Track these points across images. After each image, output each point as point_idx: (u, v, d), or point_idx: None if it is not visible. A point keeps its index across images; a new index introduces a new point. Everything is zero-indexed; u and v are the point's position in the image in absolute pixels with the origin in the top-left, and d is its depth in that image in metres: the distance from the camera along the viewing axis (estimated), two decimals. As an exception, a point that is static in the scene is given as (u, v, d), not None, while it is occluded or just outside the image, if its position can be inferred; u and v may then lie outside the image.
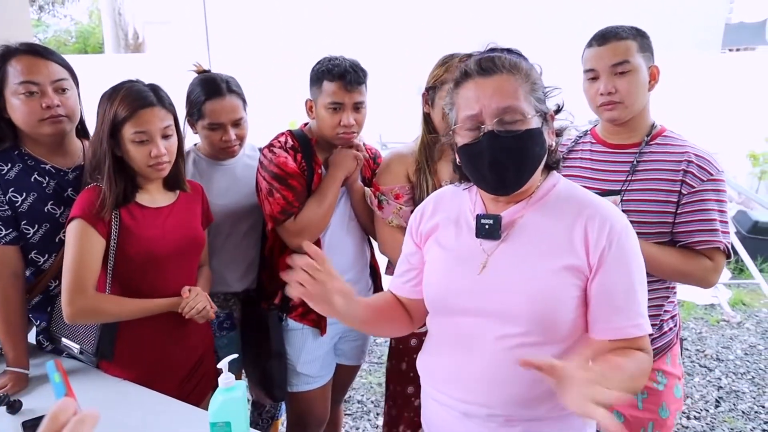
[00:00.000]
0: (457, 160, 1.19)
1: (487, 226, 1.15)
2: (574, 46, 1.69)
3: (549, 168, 1.20)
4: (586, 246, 1.09)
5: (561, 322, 1.10)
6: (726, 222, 1.54)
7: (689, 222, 1.52)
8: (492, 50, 1.16)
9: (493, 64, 1.10)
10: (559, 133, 1.20)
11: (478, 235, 1.17)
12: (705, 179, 1.51)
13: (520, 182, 1.13)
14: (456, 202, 1.27)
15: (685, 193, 1.52)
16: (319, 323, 1.89)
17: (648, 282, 1.53)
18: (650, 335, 1.55)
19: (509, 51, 1.16)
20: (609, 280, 1.09)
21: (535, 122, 1.10)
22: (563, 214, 1.14)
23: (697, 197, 1.51)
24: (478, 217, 1.17)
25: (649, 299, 1.54)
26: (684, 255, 1.54)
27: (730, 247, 1.54)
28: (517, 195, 1.16)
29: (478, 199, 1.22)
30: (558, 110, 1.19)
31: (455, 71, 1.18)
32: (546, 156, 1.16)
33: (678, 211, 1.53)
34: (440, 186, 1.80)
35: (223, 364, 1.23)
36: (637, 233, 1.49)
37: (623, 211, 1.51)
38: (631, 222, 1.50)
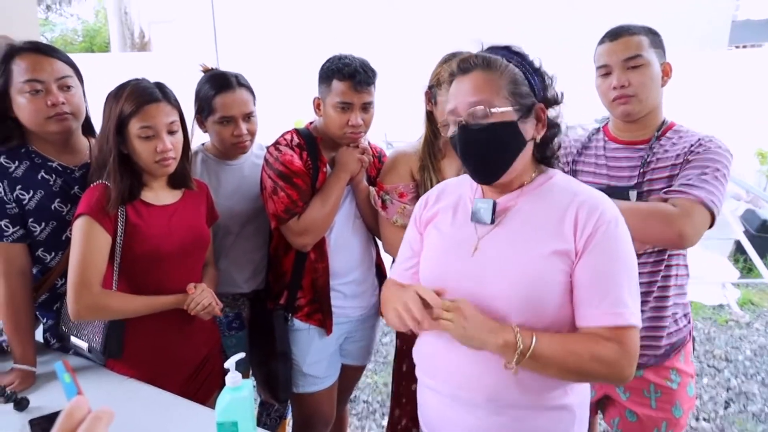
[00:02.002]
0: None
1: (481, 211, 1.20)
2: (582, 46, 1.69)
3: (542, 161, 1.24)
4: (575, 230, 1.13)
5: (547, 306, 1.13)
6: (718, 189, 1.45)
7: (673, 185, 1.49)
8: (489, 49, 1.22)
9: (469, 63, 1.17)
10: (552, 125, 1.21)
11: (472, 219, 1.22)
12: (701, 151, 1.49)
13: (496, 171, 1.17)
14: (458, 190, 1.32)
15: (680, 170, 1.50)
16: (324, 323, 1.88)
17: (652, 264, 1.55)
18: (667, 330, 1.57)
19: (508, 49, 1.21)
20: (591, 265, 1.12)
21: (509, 116, 1.13)
22: (556, 202, 1.18)
23: (687, 167, 1.49)
24: (476, 201, 1.22)
25: (660, 291, 1.56)
26: (642, 203, 1.49)
27: (712, 205, 1.43)
28: (506, 185, 1.21)
29: (479, 187, 1.27)
30: (554, 102, 1.21)
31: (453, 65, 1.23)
32: (533, 149, 1.20)
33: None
34: None
35: (230, 363, 1.23)
36: None
37: None
38: None
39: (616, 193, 1.54)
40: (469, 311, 1.09)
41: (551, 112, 1.21)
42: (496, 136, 1.14)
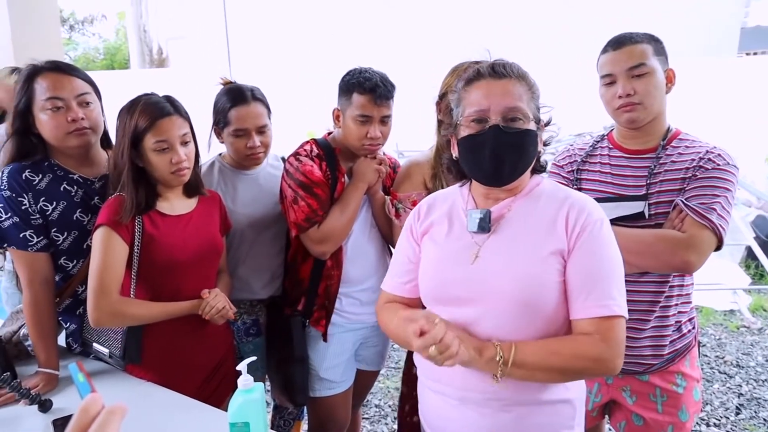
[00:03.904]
0: (454, 154, 1.29)
1: (477, 220, 1.24)
2: (591, 55, 1.72)
3: (535, 172, 1.31)
4: (566, 230, 1.20)
5: (547, 307, 1.18)
6: (726, 210, 1.48)
7: (683, 198, 1.50)
8: (498, 60, 1.27)
9: (505, 69, 1.22)
10: (546, 143, 1.32)
11: (469, 229, 1.26)
12: (710, 168, 1.50)
13: (513, 175, 1.23)
14: (449, 201, 1.36)
15: (688, 185, 1.51)
16: (326, 328, 1.92)
17: (658, 282, 1.56)
18: (670, 338, 1.59)
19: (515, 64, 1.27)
20: (580, 262, 1.18)
21: (532, 126, 1.21)
22: (547, 206, 1.24)
23: (696, 183, 1.50)
24: (470, 212, 1.27)
25: (665, 302, 1.58)
26: (646, 230, 1.50)
27: (721, 232, 1.46)
28: (506, 191, 1.26)
29: (470, 197, 1.32)
30: (547, 124, 1.30)
31: (464, 73, 1.28)
32: (535, 160, 1.27)
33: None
34: None
35: (242, 366, 1.27)
36: None
37: (650, 215, 1.53)
38: (659, 225, 1.51)
39: (627, 201, 1.56)
40: (453, 334, 1.10)
41: (544, 135, 1.30)
42: (524, 142, 1.21)
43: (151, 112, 1.56)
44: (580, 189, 1.66)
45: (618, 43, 1.57)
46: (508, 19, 11.56)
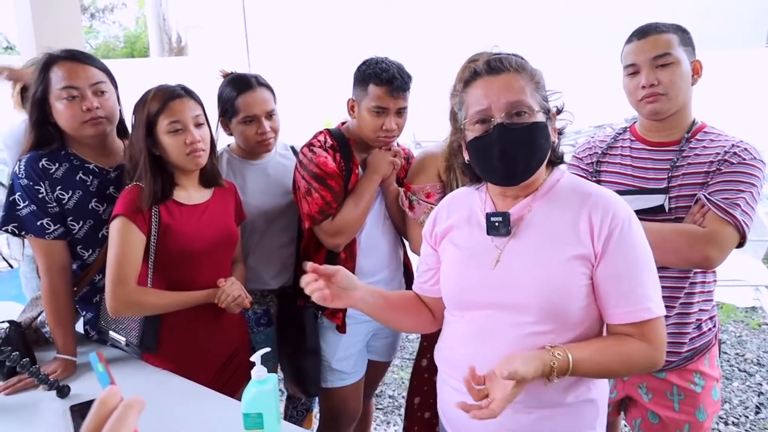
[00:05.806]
0: (466, 158, 1.25)
1: (496, 224, 1.21)
2: (615, 45, 1.68)
3: (553, 164, 1.27)
4: (591, 234, 1.15)
5: (572, 310, 1.15)
6: (751, 207, 1.44)
7: (706, 193, 1.46)
8: (499, 53, 1.24)
9: (501, 63, 1.17)
10: (560, 132, 1.27)
11: (488, 233, 1.23)
12: (735, 162, 1.46)
13: (527, 172, 1.18)
14: (468, 203, 1.33)
15: (711, 179, 1.47)
16: (343, 321, 1.91)
17: (678, 278, 1.54)
18: (689, 336, 1.57)
19: (514, 55, 1.23)
20: (613, 266, 1.14)
21: (540, 117, 1.16)
22: (568, 206, 1.19)
23: (720, 178, 1.46)
24: (488, 216, 1.23)
25: (686, 298, 1.55)
26: (666, 224, 1.47)
27: (744, 228, 1.42)
28: (523, 189, 1.22)
29: (488, 198, 1.28)
30: (559, 111, 1.26)
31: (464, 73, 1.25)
32: (550, 152, 1.22)
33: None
34: None
35: (255, 357, 1.27)
36: None
37: (670, 209, 1.50)
38: (679, 219, 1.48)
39: (647, 194, 1.53)
40: (511, 368, 1.03)
41: (557, 124, 1.25)
42: (533, 136, 1.15)
43: (162, 95, 1.58)
44: (599, 182, 1.63)
45: (643, 32, 1.54)
46: (531, 6, 11.38)
